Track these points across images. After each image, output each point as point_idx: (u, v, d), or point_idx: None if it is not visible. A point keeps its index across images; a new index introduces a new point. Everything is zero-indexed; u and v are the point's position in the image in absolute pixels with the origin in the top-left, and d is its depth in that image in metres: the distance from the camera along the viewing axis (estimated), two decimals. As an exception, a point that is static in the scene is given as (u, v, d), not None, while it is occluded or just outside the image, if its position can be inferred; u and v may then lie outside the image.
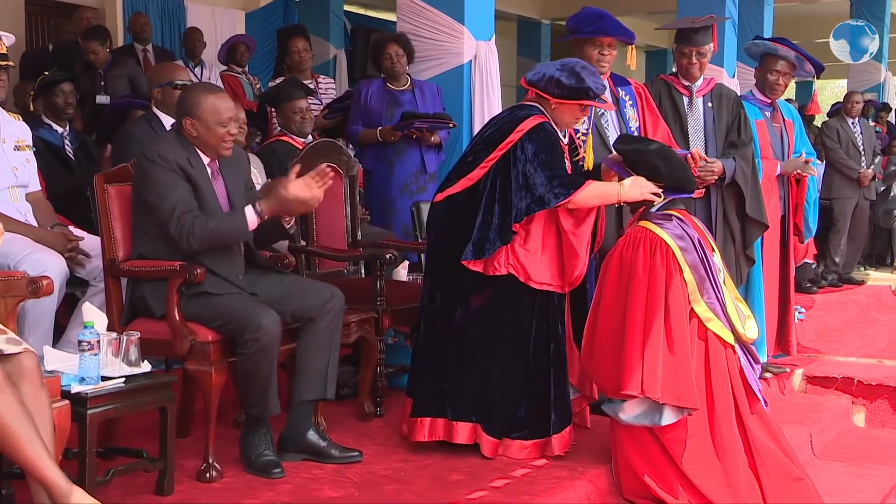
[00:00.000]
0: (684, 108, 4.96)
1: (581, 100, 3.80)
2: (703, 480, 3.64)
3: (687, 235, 3.77)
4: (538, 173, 3.67)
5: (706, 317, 3.71)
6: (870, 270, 9.51)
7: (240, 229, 3.59)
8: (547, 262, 3.74)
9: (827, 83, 21.05)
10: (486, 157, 3.75)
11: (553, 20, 14.48)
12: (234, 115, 3.68)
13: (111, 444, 3.51)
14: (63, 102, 5.16)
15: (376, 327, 4.29)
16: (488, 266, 3.72)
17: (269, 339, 3.48)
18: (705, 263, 3.77)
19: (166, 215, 3.52)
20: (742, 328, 3.78)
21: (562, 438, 3.85)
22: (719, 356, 3.74)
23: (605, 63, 4.31)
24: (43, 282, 3.14)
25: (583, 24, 4.31)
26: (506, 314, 3.79)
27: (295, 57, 6.51)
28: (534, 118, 3.77)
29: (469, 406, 3.81)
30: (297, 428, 3.74)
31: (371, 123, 5.64)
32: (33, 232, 4.01)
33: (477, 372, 3.81)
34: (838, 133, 8.61)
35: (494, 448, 3.82)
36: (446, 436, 3.84)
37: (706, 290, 3.72)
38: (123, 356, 3.23)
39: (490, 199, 3.71)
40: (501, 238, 3.69)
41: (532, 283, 3.72)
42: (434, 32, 5.86)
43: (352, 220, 4.80)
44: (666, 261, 3.69)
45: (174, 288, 3.53)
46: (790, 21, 13.71)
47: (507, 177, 3.71)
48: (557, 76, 3.78)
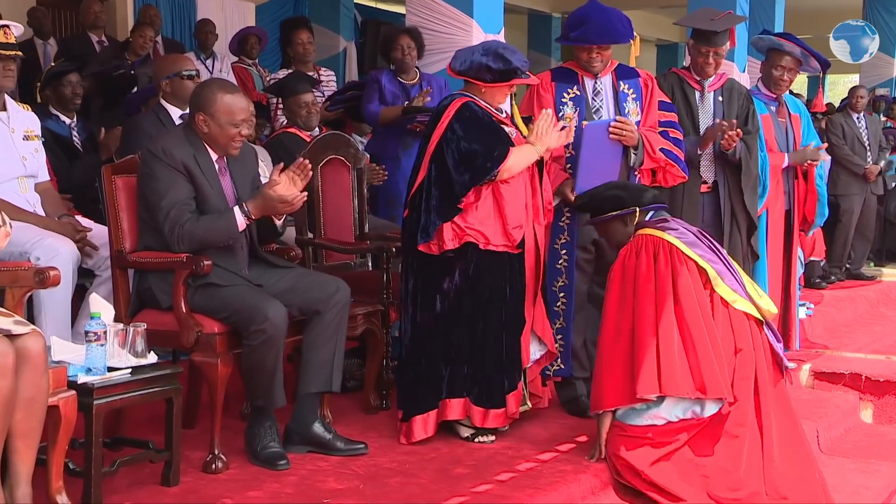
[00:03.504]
0: (696, 102, 4.96)
1: (511, 80, 3.91)
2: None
3: (689, 231, 3.83)
4: (473, 147, 3.82)
5: (732, 298, 3.75)
6: (881, 267, 9.45)
7: (228, 230, 3.60)
8: (500, 224, 3.87)
9: (840, 78, 20.95)
10: (425, 153, 3.91)
11: (563, 13, 14.42)
12: (248, 115, 3.67)
13: (117, 434, 3.54)
14: (71, 93, 5.17)
15: (383, 320, 4.30)
16: (438, 245, 3.83)
17: (275, 330, 3.49)
18: (716, 252, 3.82)
19: (161, 215, 3.54)
20: (763, 304, 3.84)
21: (516, 396, 3.99)
22: (746, 335, 3.76)
23: (596, 63, 4.32)
24: (50, 272, 3.15)
25: (570, 27, 4.33)
26: (477, 284, 3.89)
27: (299, 49, 6.50)
28: (456, 101, 3.92)
29: (460, 381, 3.91)
30: (303, 420, 3.75)
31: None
32: (42, 221, 4.03)
33: (461, 347, 3.91)
34: (843, 129, 8.54)
35: (482, 417, 3.93)
36: (439, 417, 3.91)
37: (724, 273, 3.77)
38: (130, 347, 3.24)
39: (428, 185, 3.87)
40: (441, 216, 3.83)
41: (491, 246, 3.86)
42: (443, 25, 5.86)
43: (359, 213, 4.80)
44: (671, 259, 3.73)
45: (181, 279, 3.54)
46: (802, 15, 13.65)
47: (442, 162, 3.85)
48: (486, 62, 3.89)
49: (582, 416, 4.31)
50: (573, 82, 4.35)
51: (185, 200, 3.57)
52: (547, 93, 4.31)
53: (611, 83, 4.38)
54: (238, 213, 3.60)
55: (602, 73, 4.36)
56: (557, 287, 4.36)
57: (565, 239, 4.35)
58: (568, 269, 4.35)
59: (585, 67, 4.35)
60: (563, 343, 4.36)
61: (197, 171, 3.61)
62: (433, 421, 3.93)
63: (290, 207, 3.65)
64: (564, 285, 4.36)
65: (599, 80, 4.37)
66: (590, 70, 4.34)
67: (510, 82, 3.93)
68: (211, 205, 3.63)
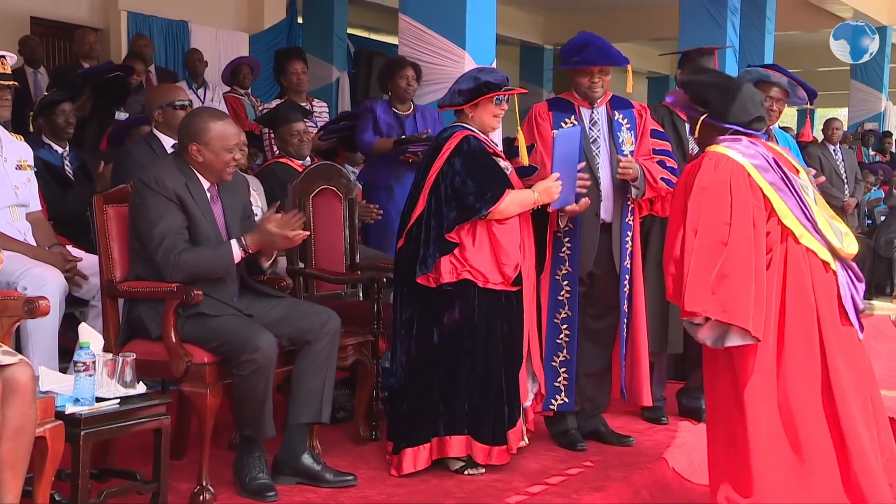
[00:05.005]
0: (685, 134, 4.98)
1: (484, 95, 3.93)
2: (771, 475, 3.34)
3: (761, 155, 3.50)
4: (466, 184, 3.83)
5: (800, 232, 3.43)
6: (872, 300, 9.48)
7: (224, 262, 3.62)
8: (495, 263, 3.88)
9: (828, 111, 21.15)
10: (423, 186, 3.91)
11: (556, 45, 14.58)
12: (240, 141, 3.71)
13: (105, 465, 3.50)
14: (64, 122, 5.17)
15: (373, 350, 4.30)
16: (435, 278, 3.83)
17: (265, 360, 3.48)
18: (787, 183, 3.50)
19: (154, 244, 3.54)
20: (840, 244, 3.50)
21: (516, 433, 3.97)
22: (805, 279, 3.43)
23: (598, 89, 4.32)
24: (39, 302, 3.14)
25: (570, 53, 4.34)
26: (477, 322, 3.88)
27: (293, 79, 6.54)
28: (457, 134, 3.93)
29: (460, 418, 3.89)
30: (292, 451, 3.74)
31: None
32: (31, 251, 4.02)
33: (459, 383, 3.89)
34: (820, 161, 8.54)
35: (486, 454, 3.92)
36: (439, 454, 3.88)
37: (794, 207, 3.46)
38: (119, 377, 3.22)
39: (428, 217, 3.88)
40: (440, 249, 3.83)
41: (490, 284, 3.86)
42: (435, 56, 5.89)
43: (350, 243, 4.80)
44: (736, 175, 3.42)
45: (171, 309, 3.53)
46: (790, 50, 13.80)
47: (440, 194, 3.86)
48: (457, 87, 4.00)
49: (573, 448, 4.29)
50: (570, 112, 4.34)
51: (177, 230, 3.57)
52: (545, 121, 4.30)
53: (606, 113, 4.39)
54: (235, 245, 3.61)
55: (599, 102, 4.38)
56: (560, 319, 4.30)
57: (566, 270, 4.29)
58: (570, 300, 4.29)
59: (585, 95, 4.34)
60: (567, 376, 4.30)
61: (189, 200, 3.61)
62: (426, 455, 3.89)
63: (290, 243, 3.67)
64: (567, 317, 4.30)
65: (596, 109, 4.38)
66: (590, 97, 4.32)
67: (485, 97, 3.93)
68: (203, 233, 3.64)
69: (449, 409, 3.88)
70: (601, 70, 4.28)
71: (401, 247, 3.98)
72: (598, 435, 4.44)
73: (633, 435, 4.52)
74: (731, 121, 3.55)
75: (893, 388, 6.20)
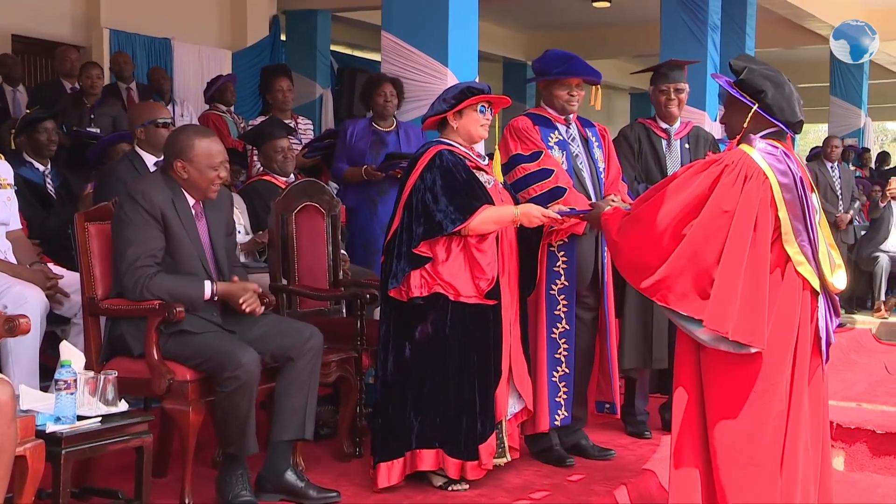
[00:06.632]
0: (663, 151, 5.02)
1: (467, 100, 3.96)
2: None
3: (790, 171, 3.40)
4: (438, 200, 3.84)
5: (798, 260, 3.37)
6: (853, 314, 9.54)
7: (194, 297, 3.63)
8: (470, 277, 3.88)
9: (809, 127, 21.30)
10: (399, 201, 3.94)
11: (538, 62, 14.61)
12: (225, 158, 3.73)
13: (86, 484, 3.49)
14: (46, 140, 5.17)
15: (356, 367, 4.29)
16: (406, 291, 3.84)
17: (248, 376, 3.48)
18: (804, 204, 3.41)
19: (125, 264, 3.56)
20: (830, 276, 3.44)
21: (487, 448, 3.91)
22: (795, 302, 3.38)
23: (574, 103, 4.35)
24: (20, 320, 3.12)
25: (551, 65, 4.35)
26: (449, 335, 3.86)
27: (279, 96, 6.56)
28: (432, 150, 3.96)
29: (432, 432, 3.87)
30: (275, 468, 3.73)
31: (356, 162, 5.68)
32: (12, 269, 4.02)
33: (431, 397, 3.87)
34: (816, 177, 8.71)
35: (458, 469, 3.88)
36: (411, 468, 3.88)
37: (800, 232, 3.40)
38: (100, 395, 3.21)
39: (401, 232, 3.89)
40: (410, 263, 3.84)
41: (462, 298, 3.84)
42: (418, 74, 5.91)
43: (333, 260, 4.81)
44: (762, 192, 3.33)
45: (153, 327, 3.53)
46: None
47: (412, 209, 3.88)
48: (442, 97, 4.04)
49: (561, 464, 4.28)
50: (551, 127, 4.36)
51: (152, 251, 3.58)
52: (535, 134, 4.29)
53: (577, 130, 4.44)
54: (208, 284, 3.64)
55: (572, 118, 4.41)
56: (557, 334, 4.27)
57: (563, 284, 4.25)
58: (567, 314, 4.25)
59: (563, 108, 4.34)
60: (566, 391, 4.28)
61: (174, 217, 3.62)
62: (399, 470, 3.88)
63: (239, 309, 3.67)
64: (565, 331, 4.26)
65: (570, 126, 4.41)
66: (567, 110, 4.34)
67: (467, 102, 3.95)
68: (185, 251, 3.64)
69: (421, 422, 3.87)
70: (578, 84, 4.32)
71: (382, 262, 4.00)
72: (579, 449, 4.44)
73: (617, 449, 4.54)
74: (780, 117, 3.43)
75: (874, 401, 6.25)
